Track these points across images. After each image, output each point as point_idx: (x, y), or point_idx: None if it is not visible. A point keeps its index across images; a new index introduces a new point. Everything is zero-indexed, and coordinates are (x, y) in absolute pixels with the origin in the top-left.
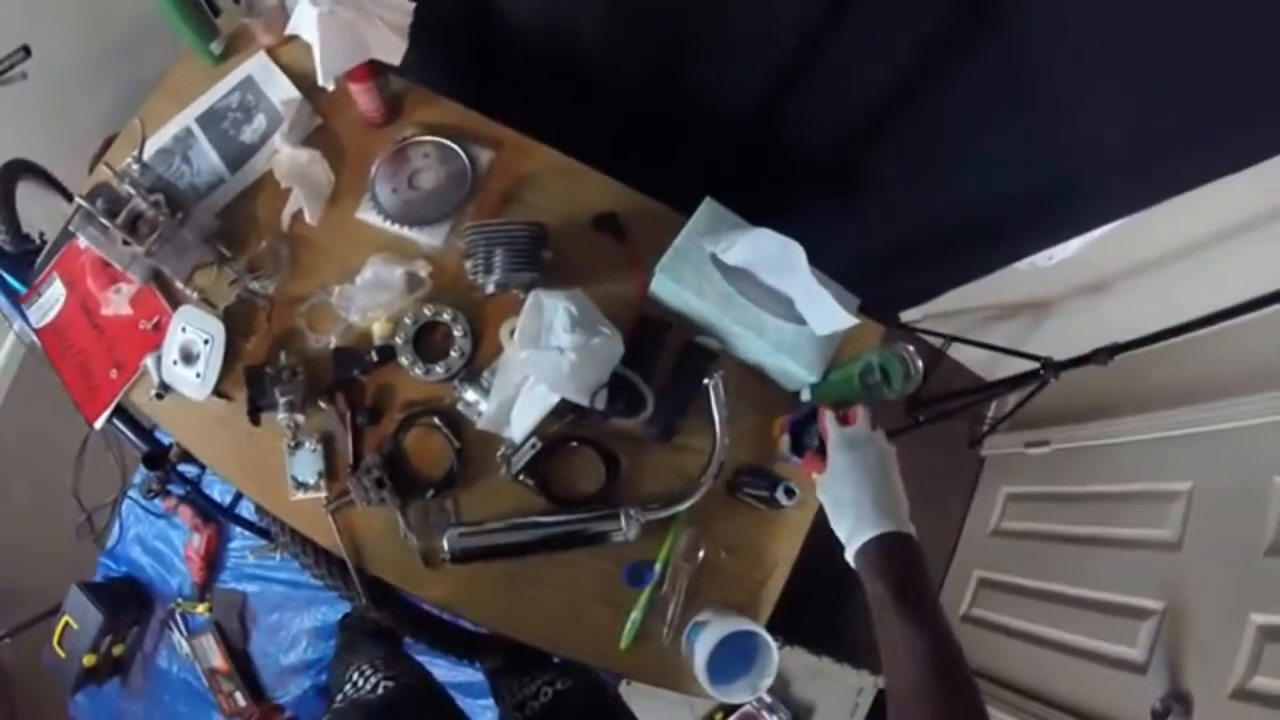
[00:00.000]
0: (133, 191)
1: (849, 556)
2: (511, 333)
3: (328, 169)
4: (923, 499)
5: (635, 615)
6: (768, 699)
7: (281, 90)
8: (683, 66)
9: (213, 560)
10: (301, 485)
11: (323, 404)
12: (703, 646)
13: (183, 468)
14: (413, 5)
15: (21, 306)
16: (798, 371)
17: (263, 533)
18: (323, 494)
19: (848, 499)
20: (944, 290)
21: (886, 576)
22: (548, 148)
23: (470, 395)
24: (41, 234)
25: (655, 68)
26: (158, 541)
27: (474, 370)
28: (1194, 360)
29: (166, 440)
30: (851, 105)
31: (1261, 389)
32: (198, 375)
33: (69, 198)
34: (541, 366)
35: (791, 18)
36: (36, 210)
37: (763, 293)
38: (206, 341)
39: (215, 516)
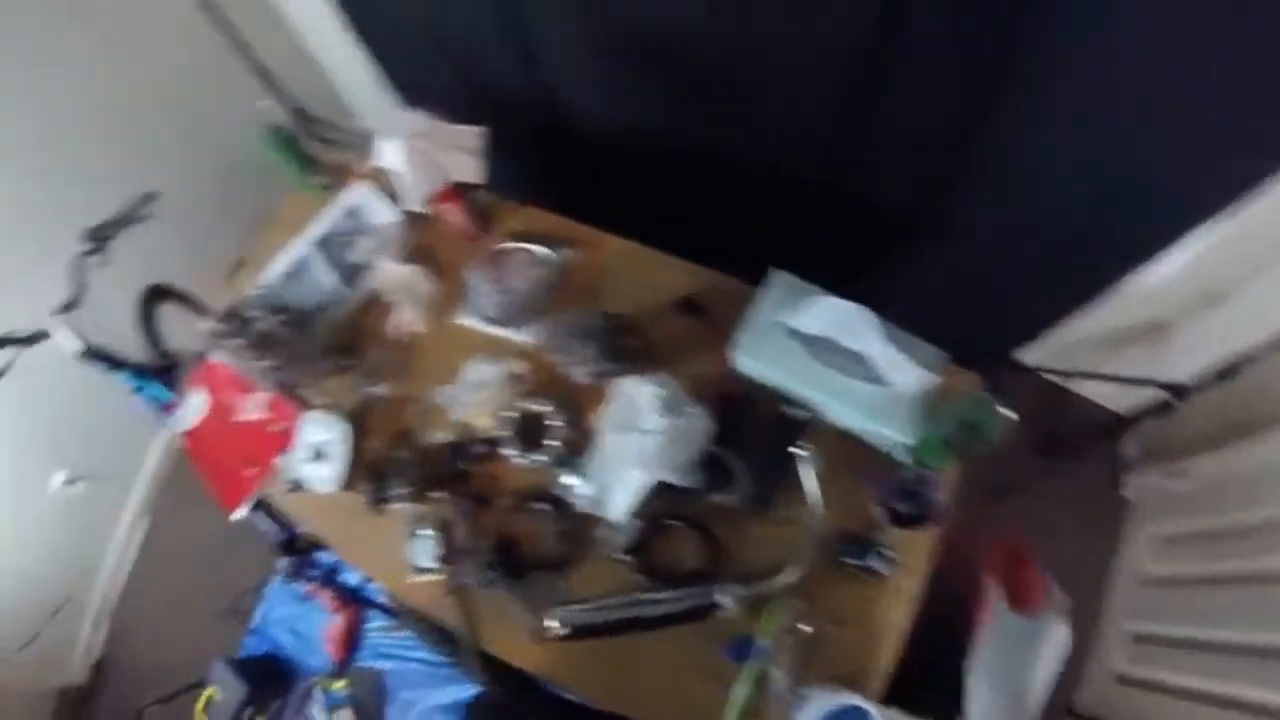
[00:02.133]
0: (258, 313)
1: None
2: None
3: (428, 281)
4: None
5: (739, 690)
6: None
7: (383, 213)
8: (741, 138)
9: (351, 640)
10: (421, 569)
11: (438, 494)
12: None
13: (321, 555)
14: (484, 130)
15: (168, 414)
16: (891, 434)
17: (390, 612)
18: (441, 577)
19: None
20: (1053, 322)
21: None
22: (622, 239)
23: (571, 479)
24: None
25: (712, 143)
26: (300, 623)
27: (574, 455)
28: None
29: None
30: (918, 146)
31: None
32: (328, 471)
33: (204, 315)
34: (632, 450)
35: (838, 67)
36: (181, 327)
37: (845, 358)
38: (333, 441)
39: (350, 598)
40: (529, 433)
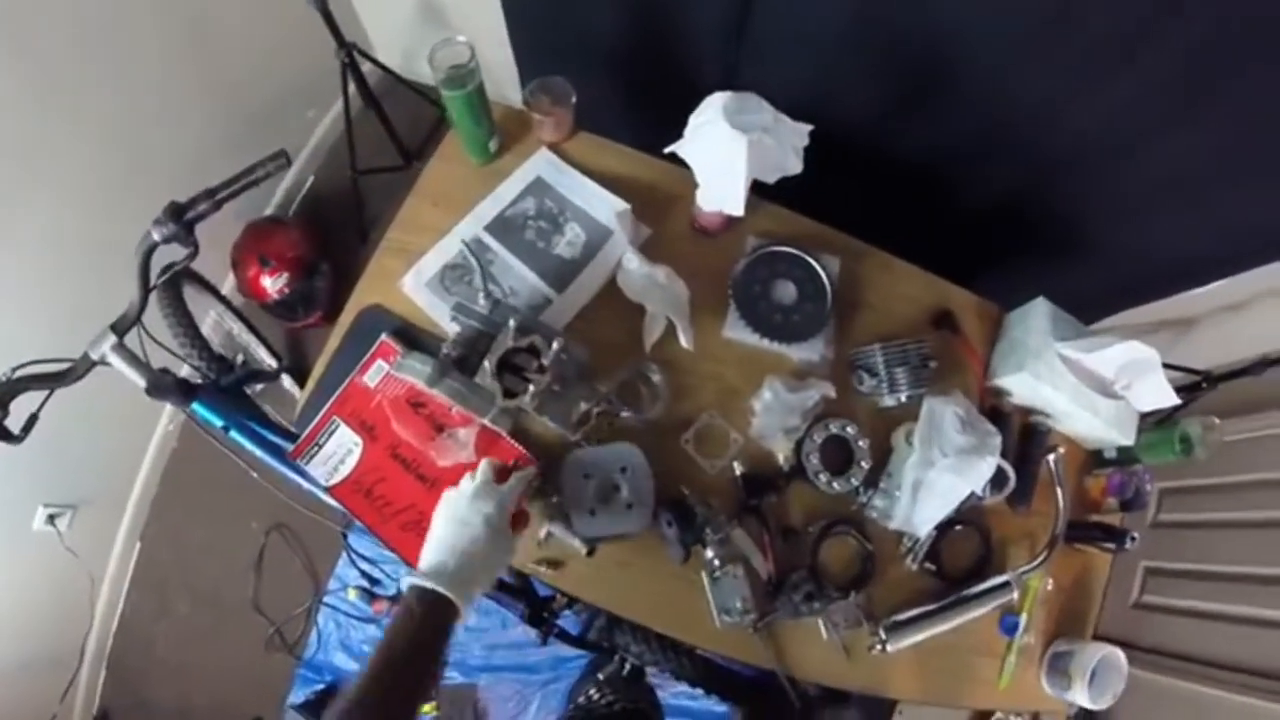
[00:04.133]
0: (478, 330)
1: (405, 578)
2: (906, 437)
3: (684, 285)
4: None
5: (1011, 659)
6: None
7: (594, 195)
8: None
9: None
10: (729, 612)
11: (738, 530)
12: (1080, 669)
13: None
14: (809, 127)
15: (298, 463)
16: (1117, 439)
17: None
18: (750, 616)
19: (436, 537)
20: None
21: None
22: (877, 250)
23: (879, 501)
24: (240, 357)
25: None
26: (365, 645)
27: (876, 477)
28: None
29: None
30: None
31: None
32: (629, 506)
33: (221, 300)
34: (944, 469)
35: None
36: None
37: (1087, 376)
38: (624, 470)
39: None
40: (834, 457)
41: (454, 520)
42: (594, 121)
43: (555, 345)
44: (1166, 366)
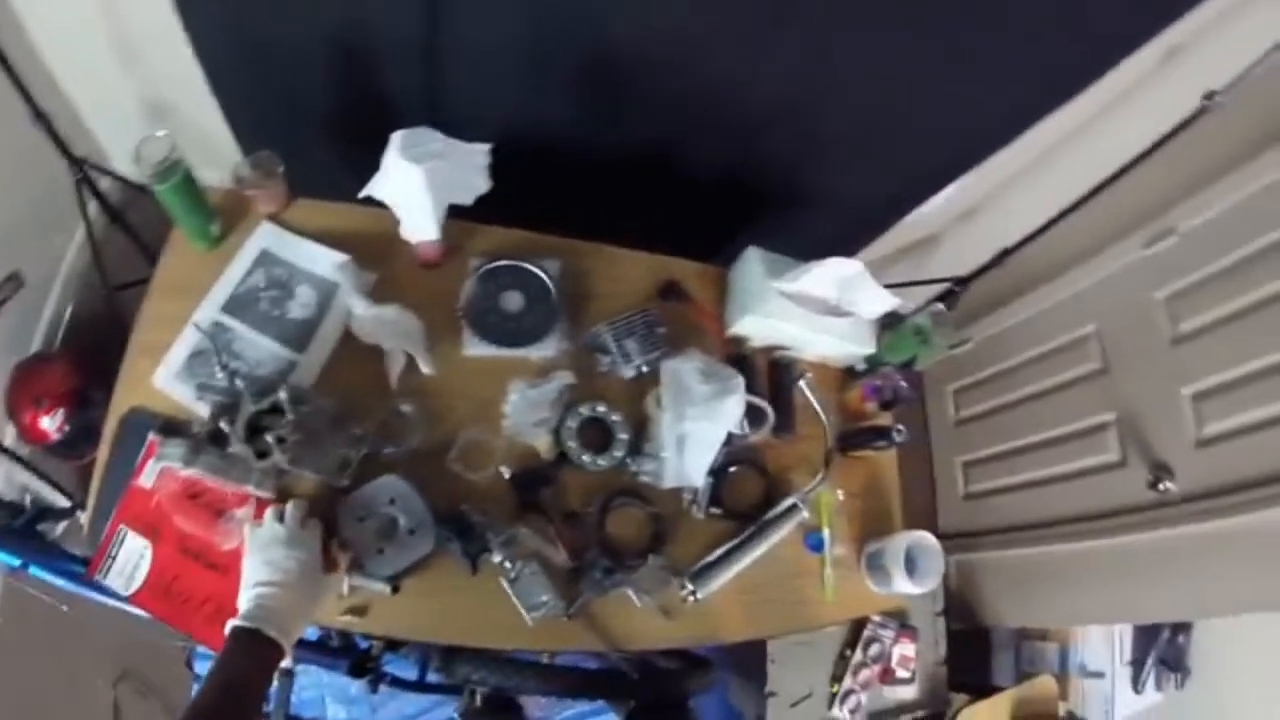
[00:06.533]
0: (221, 401)
1: (228, 624)
2: (656, 401)
3: (415, 318)
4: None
5: (828, 572)
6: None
7: (316, 255)
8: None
9: None
10: (536, 607)
11: (522, 528)
12: (894, 561)
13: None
14: (487, 146)
15: (96, 581)
16: (859, 351)
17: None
18: (559, 604)
19: (253, 580)
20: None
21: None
22: (593, 243)
23: (648, 465)
24: (29, 498)
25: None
26: None
27: (639, 444)
28: (1062, 243)
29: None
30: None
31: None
32: (411, 532)
33: (3, 451)
34: (698, 419)
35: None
36: None
37: (817, 304)
38: (393, 501)
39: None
40: (593, 437)
41: (264, 563)
42: (320, 184)
43: (283, 394)
44: (921, 283)
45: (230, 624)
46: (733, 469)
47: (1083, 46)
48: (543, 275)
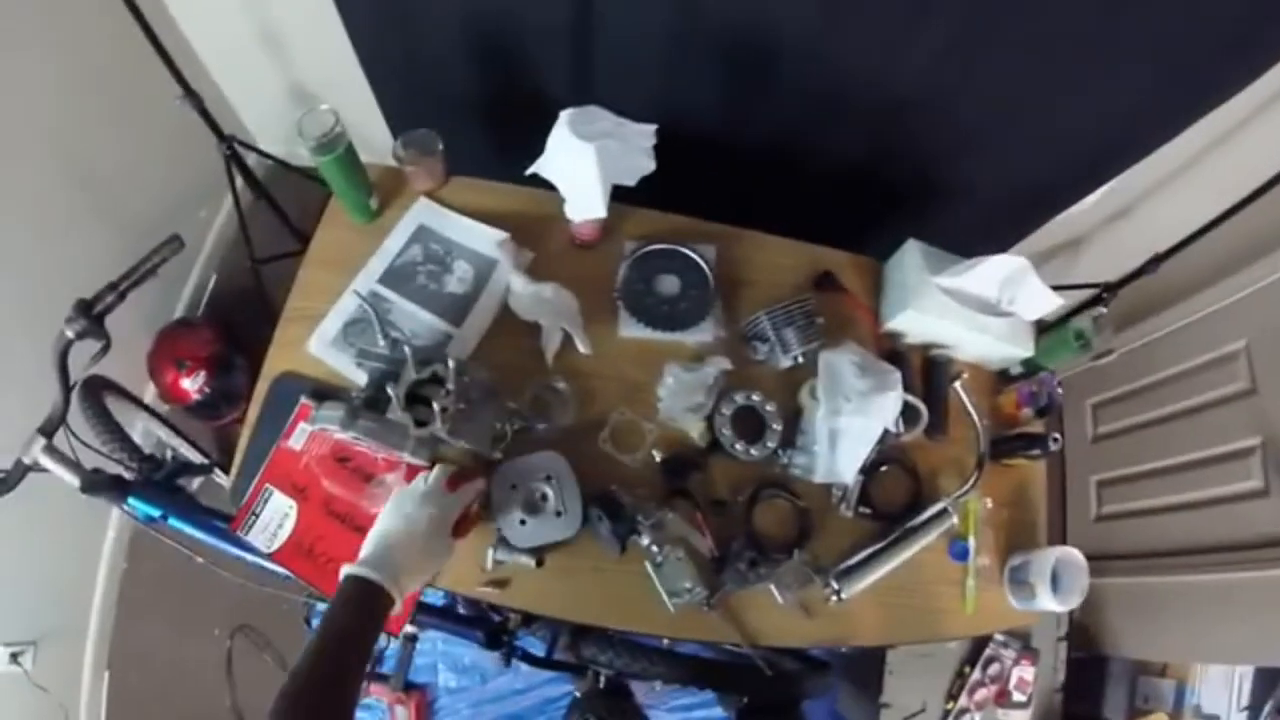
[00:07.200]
0: (381, 369)
1: (343, 569)
2: (810, 393)
3: (573, 297)
4: None
5: (970, 582)
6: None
7: (474, 232)
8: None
9: None
10: (678, 594)
11: (670, 514)
12: (1039, 576)
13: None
14: (654, 127)
15: (238, 536)
16: (1016, 353)
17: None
18: (701, 593)
19: (379, 530)
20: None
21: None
22: (747, 230)
23: (800, 459)
24: (171, 452)
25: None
26: None
27: (791, 436)
28: (1213, 251)
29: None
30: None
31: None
32: (558, 514)
33: (143, 407)
34: (853, 415)
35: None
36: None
37: (971, 301)
38: (549, 478)
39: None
40: (746, 426)
41: (398, 514)
42: (471, 163)
43: (451, 364)
44: (1068, 286)
45: (345, 569)
46: (883, 468)
47: (1243, 42)
48: (699, 260)
